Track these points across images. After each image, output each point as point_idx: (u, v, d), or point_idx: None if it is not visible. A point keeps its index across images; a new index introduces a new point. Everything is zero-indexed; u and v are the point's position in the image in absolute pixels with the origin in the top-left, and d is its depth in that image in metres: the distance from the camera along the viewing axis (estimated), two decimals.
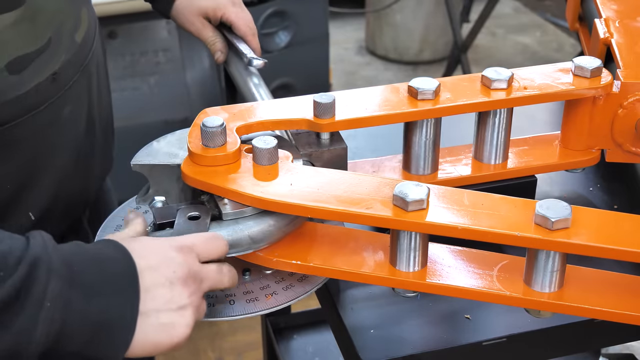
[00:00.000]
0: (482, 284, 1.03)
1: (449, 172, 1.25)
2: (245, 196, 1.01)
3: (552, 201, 0.98)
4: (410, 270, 1.04)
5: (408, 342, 1.08)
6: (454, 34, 3.82)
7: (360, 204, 1.00)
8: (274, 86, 3.12)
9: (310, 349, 1.80)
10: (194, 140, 1.06)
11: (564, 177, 1.38)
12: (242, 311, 1.04)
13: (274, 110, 1.17)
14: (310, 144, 1.16)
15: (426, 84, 1.18)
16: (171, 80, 3.05)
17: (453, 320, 1.12)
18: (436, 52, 4.53)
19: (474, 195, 1.03)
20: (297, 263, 1.05)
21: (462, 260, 1.07)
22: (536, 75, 1.24)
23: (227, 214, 1.02)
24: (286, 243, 1.07)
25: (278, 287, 1.08)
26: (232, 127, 1.10)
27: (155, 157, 1.09)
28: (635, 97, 1.23)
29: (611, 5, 1.44)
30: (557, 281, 1.01)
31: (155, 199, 1.09)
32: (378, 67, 4.56)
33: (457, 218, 0.99)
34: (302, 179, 1.04)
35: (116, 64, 2.96)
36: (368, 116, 1.16)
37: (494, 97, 1.19)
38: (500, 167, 1.26)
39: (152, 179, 1.09)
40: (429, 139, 1.21)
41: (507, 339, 1.09)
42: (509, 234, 0.97)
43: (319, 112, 1.14)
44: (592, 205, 1.32)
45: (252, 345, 2.67)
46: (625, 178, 1.40)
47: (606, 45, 1.35)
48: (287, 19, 3.02)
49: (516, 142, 1.30)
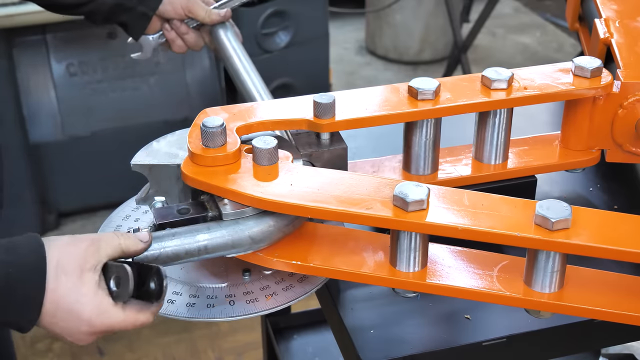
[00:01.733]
0: (482, 285, 1.03)
1: (449, 172, 1.25)
2: (245, 196, 1.01)
3: (552, 201, 0.98)
4: (410, 271, 1.04)
5: (408, 342, 1.08)
6: (454, 34, 3.82)
7: (360, 204, 1.00)
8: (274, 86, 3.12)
9: (310, 349, 1.80)
10: (194, 141, 1.06)
11: (564, 177, 1.38)
12: (242, 311, 1.04)
13: (274, 110, 1.17)
14: (310, 144, 1.16)
15: (426, 84, 1.18)
16: (171, 80, 3.04)
17: (453, 320, 1.12)
18: (436, 52, 4.52)
19: (474, 195, 1.03)
20: (297, 263, 1.04)
21: (462, 260, 1.06)
22: (536, 75, 1.24)
23: (227, 214, 1.02)
24: (286, 243, 1.07)
25: (278, 288, 1.08)
26: (232, 127, 1.10)
27: (155, 157, 1.09)
28: (635, 97, 1.23)
29: (611, 5, 1.44)
30: (557, 281, 1.01)
31: (155, 199, 1.09)
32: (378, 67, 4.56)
33: (457, 218, 0.99)
34: (302, 179, 1.04)
35: (116, 64, 2.96)
36: (368, 116, 1.16)
37: (494, 97, 1.19)
38: (500, 167, 1.26)
39: (152, 179, 1.09)
40: (429, 139, 1.20)
41: (507, 339, 1.09)
42: (509, 235, 0.97)
43: (319, 112, 1.14)
44: (592, 205, 1.32)
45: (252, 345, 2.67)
46: (625, 178, 1.40)
47: (606, 45, 1.35)
48: (287, 19, 3.02)
49: (516, 142, 1.30)
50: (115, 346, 2.67)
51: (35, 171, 2.99)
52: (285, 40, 3.06)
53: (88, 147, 3.01)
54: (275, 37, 3.03)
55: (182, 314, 1.04)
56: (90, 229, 3.16)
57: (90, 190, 3.11)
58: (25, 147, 2.94)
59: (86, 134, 3.00)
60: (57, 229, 3.18)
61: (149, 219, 1.16)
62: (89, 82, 2.96)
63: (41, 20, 2.75)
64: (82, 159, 3.03)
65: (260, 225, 1.03)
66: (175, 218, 1.03)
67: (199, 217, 1.03)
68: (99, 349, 2.67)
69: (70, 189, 3.10)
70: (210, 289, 1.07)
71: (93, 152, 3.03)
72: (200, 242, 1.00)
